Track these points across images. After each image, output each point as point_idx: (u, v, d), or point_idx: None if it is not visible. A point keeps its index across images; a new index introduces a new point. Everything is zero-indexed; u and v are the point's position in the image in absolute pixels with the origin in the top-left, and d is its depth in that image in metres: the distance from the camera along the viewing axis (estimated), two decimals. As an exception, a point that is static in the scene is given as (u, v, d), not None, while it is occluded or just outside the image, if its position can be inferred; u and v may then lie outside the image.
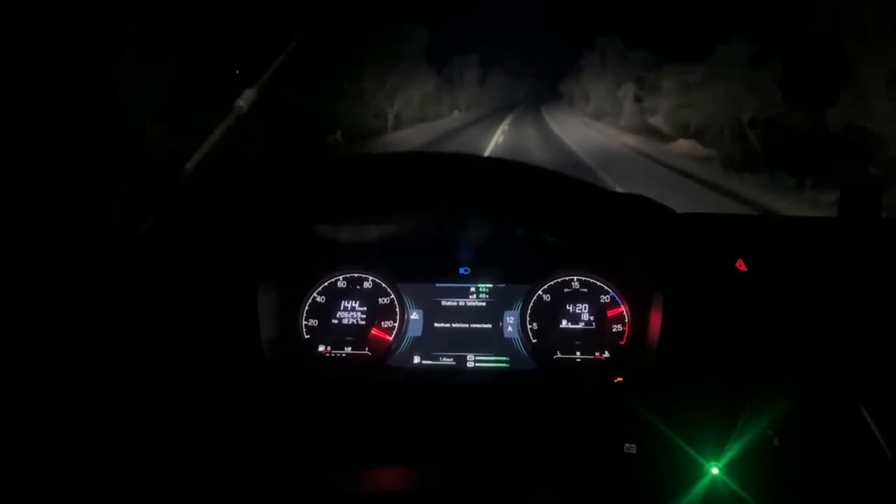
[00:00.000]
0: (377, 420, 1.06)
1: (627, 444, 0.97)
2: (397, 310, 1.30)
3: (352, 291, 1.32)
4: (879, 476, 0.81)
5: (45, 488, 0.83)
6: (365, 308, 1.31)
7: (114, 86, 1.07)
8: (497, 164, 0.96)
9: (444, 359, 1.29)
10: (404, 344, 1.30)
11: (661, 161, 12.97)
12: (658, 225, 0.98)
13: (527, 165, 0.94)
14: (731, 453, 0.89)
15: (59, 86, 0.98)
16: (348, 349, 1.29)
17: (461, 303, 1.32)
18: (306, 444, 1.03)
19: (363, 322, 1.30)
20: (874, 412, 0.83)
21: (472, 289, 1.32)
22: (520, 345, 1.29)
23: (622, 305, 1.27)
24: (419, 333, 1.31)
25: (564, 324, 1.27)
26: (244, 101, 1.38)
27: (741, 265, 1.02)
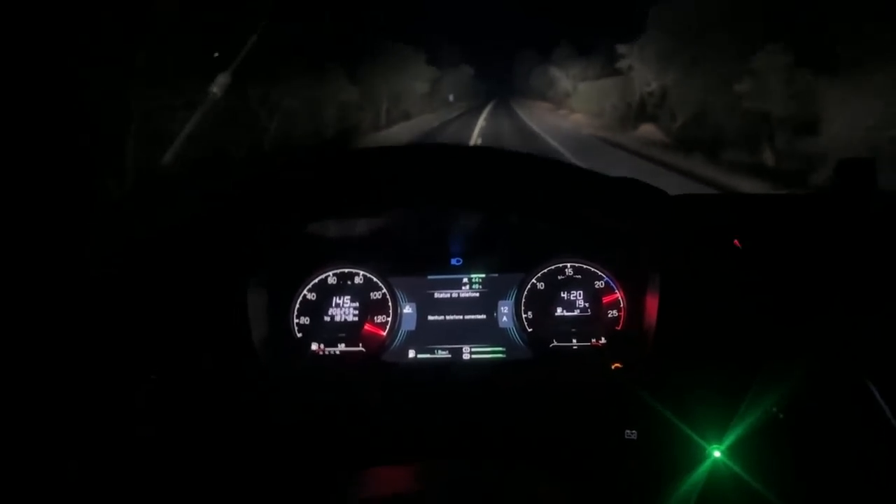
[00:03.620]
0: (374, 416, 1.05)
1: (628, 430, 0.96)
2: (390, 304, 1.28)
3: (343, 287, 1.30)
4: (887, 454, 0.80)
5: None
6: (357, 304, 1.29)
7: (89, 94, 1.05)
8: (489, 153, 0.94)
9: (440, 352, 1.28)
10: (398, 338, 1.28)
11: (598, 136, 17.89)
12: (652, 207, 0.96)
13: (518, 153, 0.92)
14: (732, 436, 0.89)
15: (32, 97, 0.96)
16: (342, 346, 1.27)
17: (454, 294, 1.30)
18: (303, 444, 1.01)
19: (356, 318, 1.28)
20: (882, 388, 0.82)
21: (465, 280, 1.31)
22: (515, 334, 1.27)
23: (617, 291, 1.25)
24: (413, 327, 1.29)
25: (559, 311, 1.26)
26: (218, 86, 1.35)
27: (736, 244, 1.00)
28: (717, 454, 0.88)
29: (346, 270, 1.30)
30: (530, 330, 1.25)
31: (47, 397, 0.87)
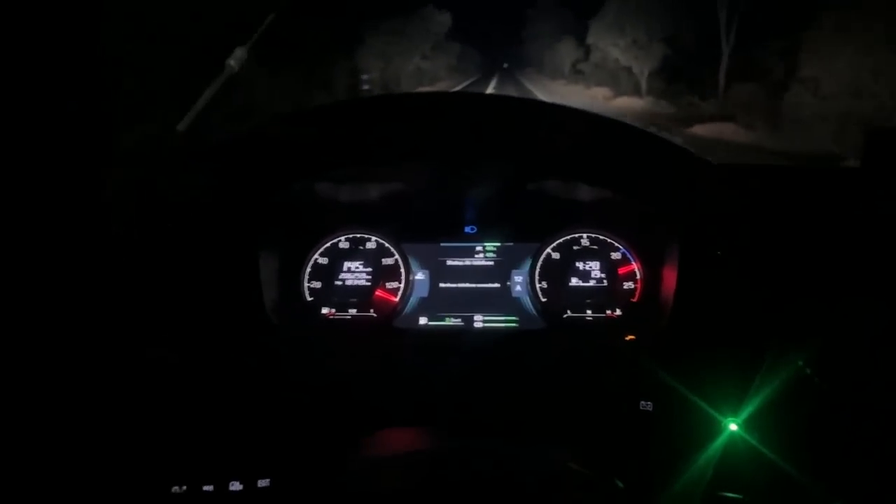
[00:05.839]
0: (385, 382, 1.04)
1: (643, 402, 0.95)
2: (402, 270, 1.27)
3: (355, 252, 1.28)
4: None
5: (46, 468, 0.81)
6: (369, 269, 1.27)
7: (103, 57, 1.02)
8: (534, 105, 0.89)
9: (451, 319, 1.27)
10: (410, 305, 1.27)
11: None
12: (696, 172, 0.94)
13: (570, 108, 0.88)
14: (749, 409, 0.88)
15: (45, 60, 0.93)
16: (353, 311, 1.26)
17: (467, 262, 1.29)
18: (313, 407, 1.01)
19: (367, 283, 1.27)
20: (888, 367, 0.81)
21: (479, 248, 1.29)
22: (528, 304, 1.26)
23: (633, 262, 1.24)
24: (425, 294, 1.28)
25: (574, 282, 1.25)
26: (235, 60, 1.32)
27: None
28: (733, 427, 0.87)
29: (359, 235, 1.29)
30: (544, 300, 1.24)
31: (62, 358, 0.86)
